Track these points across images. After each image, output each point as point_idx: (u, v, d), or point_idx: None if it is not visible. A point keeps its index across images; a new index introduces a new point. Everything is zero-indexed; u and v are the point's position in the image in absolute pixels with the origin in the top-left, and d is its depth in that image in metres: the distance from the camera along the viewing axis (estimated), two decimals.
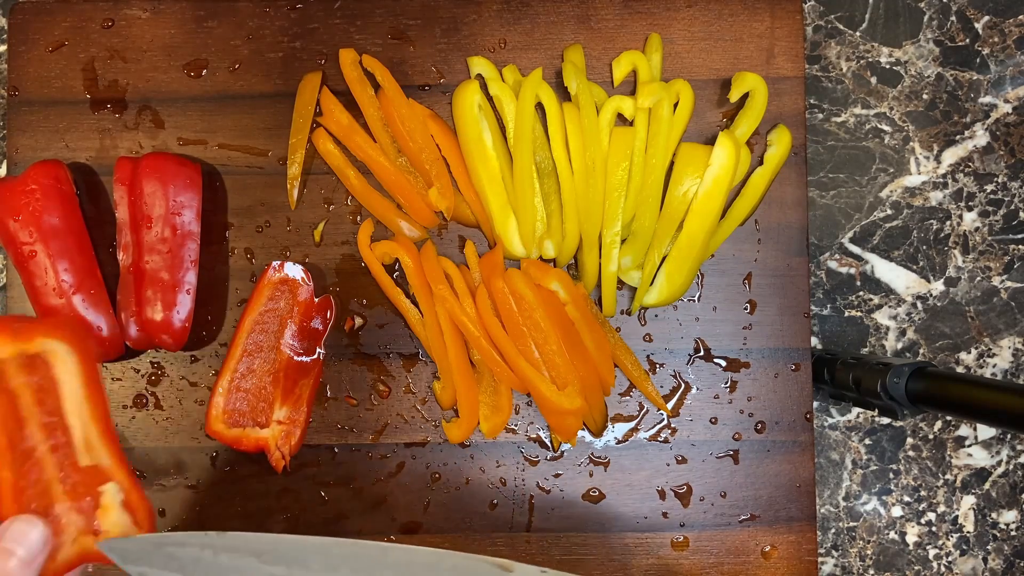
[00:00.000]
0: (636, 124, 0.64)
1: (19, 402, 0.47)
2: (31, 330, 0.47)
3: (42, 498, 0.47)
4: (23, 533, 0.44)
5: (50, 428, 0.48)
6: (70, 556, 0.47)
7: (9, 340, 0.47)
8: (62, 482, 0.47)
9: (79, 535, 0.47)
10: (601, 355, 0.63)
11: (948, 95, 0.72)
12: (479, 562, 0.45)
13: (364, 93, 0.64)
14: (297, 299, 0.62)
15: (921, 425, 0.72)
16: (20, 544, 0.44)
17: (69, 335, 0.48)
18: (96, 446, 0.48)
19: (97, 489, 0.48)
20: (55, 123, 0.66)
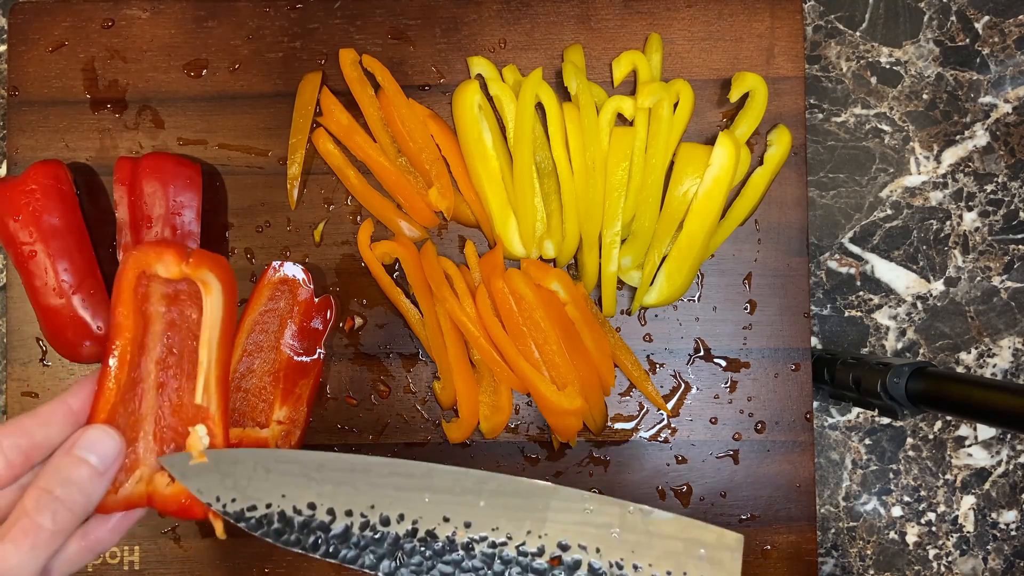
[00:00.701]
0: (636, 124, 0.64)
1: (149, 329, 0.48)
2: (200, 258, 0.48)
3: (130, 428, 0.47)
4: (97, 442, 0.43)
5: (166, 365, 0.48)
6: (133, 494, 0.46)
7: (179, 262, 0.47)
8: (156, 420, 0.47)
9: (151, 475, 0.47)
10: (601, 355, 0.63)
11: (948, 95, 0.72)
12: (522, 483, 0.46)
13: (364, 93, 0.64)
14: (297, 299, 0.62)
15: (921, 425, 0.72)
16: (94, 453, 0.43)
17: (226, 276, 0.49)
18: (211, 389, 0.49)
19: (187, 428, 0.48)
20: (55, 123, 0.66)
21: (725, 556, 0.43)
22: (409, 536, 0.46)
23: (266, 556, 0.64)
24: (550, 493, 0.45)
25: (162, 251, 0.48)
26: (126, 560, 0.63)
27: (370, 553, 0.46)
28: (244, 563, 0.64)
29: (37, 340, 0.65)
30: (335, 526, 0.46)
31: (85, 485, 0.42)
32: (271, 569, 0.64)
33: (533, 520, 0.45)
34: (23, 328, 0.65)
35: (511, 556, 0.45)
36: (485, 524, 0.45)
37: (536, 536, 0.45)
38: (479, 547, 0.45)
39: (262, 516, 0.47)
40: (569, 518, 0.45)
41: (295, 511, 0.47)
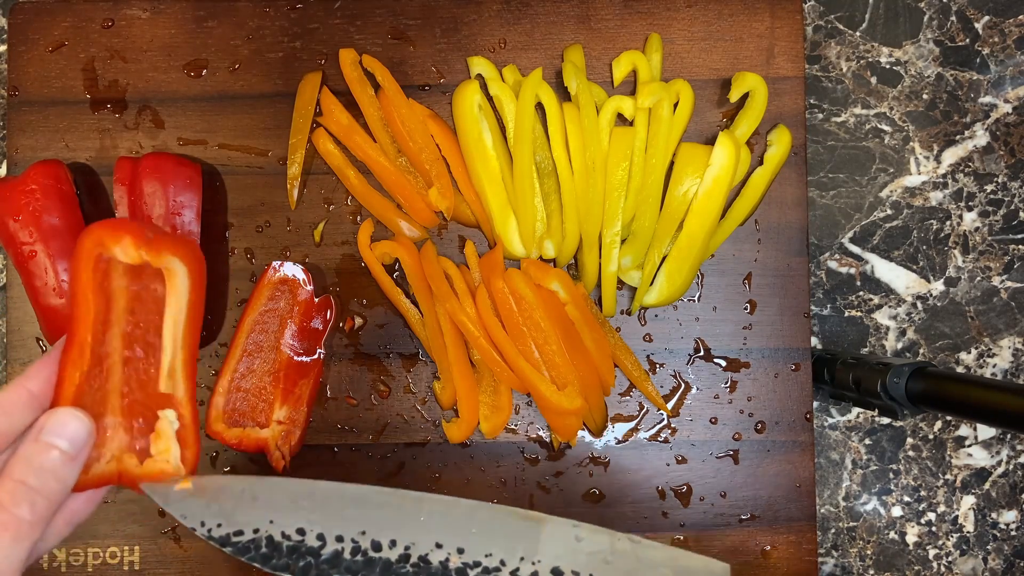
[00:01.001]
0: (636, 124, 0.64)
1: (112, 305, 0.46)
2: (161, 242, 0.46)
3: (97, 405, 0.45)
4: (65, 425, 0.42)
5: (131, 339, 0.46)
6: (104, 472, 0.45)
7: (138, 246, 0.45)
8: (123, 396, 0.46)
9: (121, 453, 0.46)
10: (601, 355, 0.63)
11: (948, 95, 0.72)
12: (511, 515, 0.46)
13: (364, 93, 0.64)
14: (297, 299, 0.62)
15: (921, 425, 0.72)
16: (62, 437, 0.41)
17: (192, 259, 0.47)
18: (177, 374, 0.47)
19: (156, 412, 0.47)
20: (55, 123, 0.66)
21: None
22: (402, 561, 0.46)
23: None
24: (541, 521, 0.46)
25: (120, 233, 0.45)
26: (126, 560, 0.63)
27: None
28: (244, 563, 0.64)
29: (37, 340, 0.65)
30: (325, 551, 0.46)
31: (59, 471, 0.41)
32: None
33: (526, 547, 0.45)
34: (23, 328, 0.65)
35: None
36: (478, 550, 0.46)
37: (530, 563, 0.45)
38: (473, 572, 0.45)
39: (249, 541, 0.46)
40: (561, 546, 0.45)
41: (284, 536, 0.46)
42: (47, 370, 0.44)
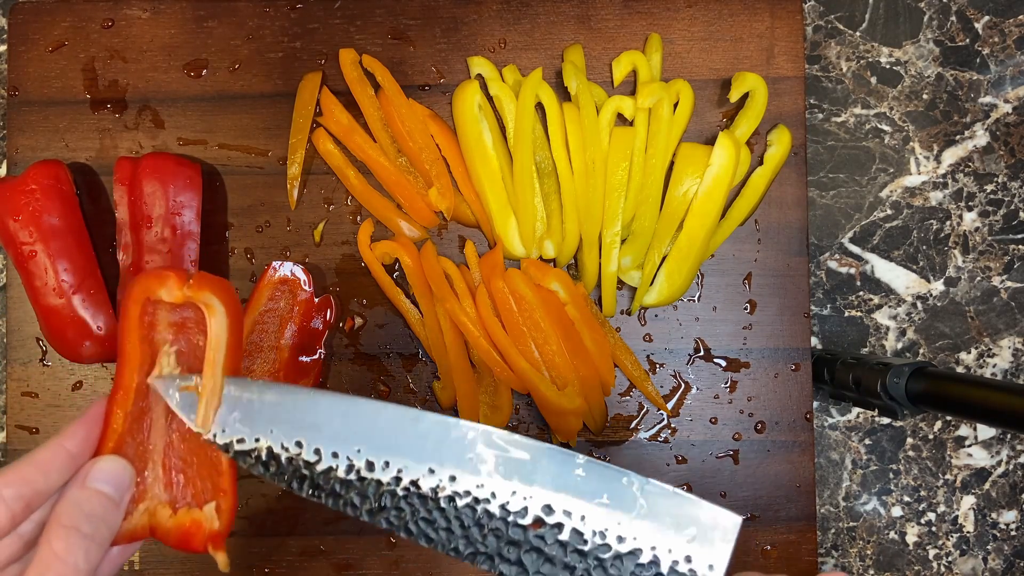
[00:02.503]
0: (636, 124, 0.64)
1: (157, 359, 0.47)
2: (201, 280, 0.47)
3: (139, 459, 0.46)
4: (110, 471, 0.43)
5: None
6: (137, 526, 0.46)
7: (180, 284, 0.46)
8: (165, 451, 0.47)
9: (156, 506, 0.46)
10: (601, 355, 0.63)
11: (948, 95, 0.72)
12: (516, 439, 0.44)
13: (364, 93, 0.64)
14: (297, 299, 0.62)
15: (921, 425, 0.72)
16: (108, 483, 0.42)
17: (229, 297, 0.48)
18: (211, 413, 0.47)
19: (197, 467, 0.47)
20: (55, 123, 0.66)
21: (716, 536, 0.41)
22: (392, 483, 0.44)
23: (266, 556, 0.64)
24: (543, 453, 0.44)
25: (164, 276, 0.47)
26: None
27: (351, 497, 0.45)
28: (244, 563, 0.64)
29: (37, 340, 0.65)
30: (319, 466, 0.45)
31: (108, 517, 0.42)
32: (271, 569, 0.64)
33: (521, 479, 0.43)
34: (23, 328, 0.65)
35: (494, 513, 0.43)
36: (471, 479, 0.44)
37: (521, 497, 0.43)
38: (462, 501, 0.44)
39: (249, 449, 0.46)
40: (558, 480, 0.43)
41: (282, 447, 0.46)
42: (84, 430, 0.44)
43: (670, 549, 0.41)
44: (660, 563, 0.41)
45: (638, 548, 0.41)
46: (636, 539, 0.42)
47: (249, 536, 0.64)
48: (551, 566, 0.42)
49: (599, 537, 0.42)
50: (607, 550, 0.42)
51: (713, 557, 0.41)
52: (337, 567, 0.64)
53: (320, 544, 0.64)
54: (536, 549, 0.43)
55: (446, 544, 0.44)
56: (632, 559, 0.41)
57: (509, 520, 0.43)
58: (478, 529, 0.43)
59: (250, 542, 0.64)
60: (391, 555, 0.64)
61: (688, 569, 0.41)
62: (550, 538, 0.43)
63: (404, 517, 0.44)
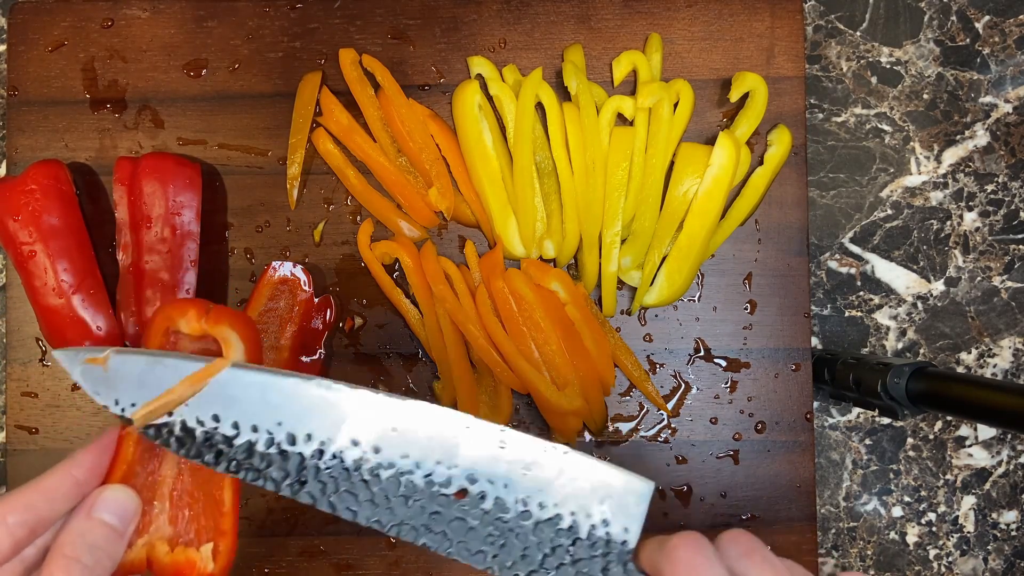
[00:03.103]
0: (636, 124, 0.64)
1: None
2: (219, 314, 0.48)
3: (147, 490, 0.46)
4: (115, 501, 0.42)
5: None
6: (136, 559, 0.45)
7: (199, 317, 0.48)
8: (173, 484, 0.47)
9: (156, 540, 0.46)
10: (601, 355, 0.63)
11: (948, 95, 0.72)
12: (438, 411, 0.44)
13: (364, 93, 0.64)
14: (297, 299, 0.62)
15: (921, 425, 0.72)
16: (113, 513, 0.42)
17: (247, 331, 0.48)
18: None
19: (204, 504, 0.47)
20: (55, 123, 0.66)
21: (631, 501, 0.42)
22: (315, 456, 0.44)
23: (266, 556, 0.64)
24: (466, 424, 0.44)
25: (185, 308, 0.48)
26: None
27: (273, 472, 0.44)
28: (244, 563, 0.64)
29: (37, 340, 0.65)
30: (238, 441, 0.44)
31: (110, 548, 0.41)
32: (271, 569, 0.64)
33: (444, 451, 0.44)
34: (23, 328, 0.65)
35: (417, 485, 0.43)
36: (395, 451, 0.44)
37: (445, 467, 0.43)
38: (385, 473, 0.44)
39: (162, 424, 0.44)
40: (482, 452, 0.43)
41: (198, 422, 0.44)
42: (92, 458, 0.44)
43: (588, 514, 0.42)
44: (579, 528, 0.42)
45: (558, 514, 0.42)
46: (556, 506, 0.42)
47: (249, 536, 0.64)
48: (474, 535, 0.43)
49: (521, 505, 0.43)
50: (528, 517, 0.43)
51: (628, 521, 0.42)
52: (337, 567, 0.64)
53: (320, 544, 0.64)
54: (459, 519, 0.43)
55: (369, 517, 0.43)
56: (552, 525, 0.42)
57: (433, 491, 0.43)
58: (402, 501, 0.43)
59: (250, 542, 0.64)
60: (391, 555, 0.64)
61: (605, 532, 0.42)
62: (473, 507, 0.43)
63: (327, 491, 0.44)
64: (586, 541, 0.42)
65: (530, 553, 0.42)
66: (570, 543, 0.42)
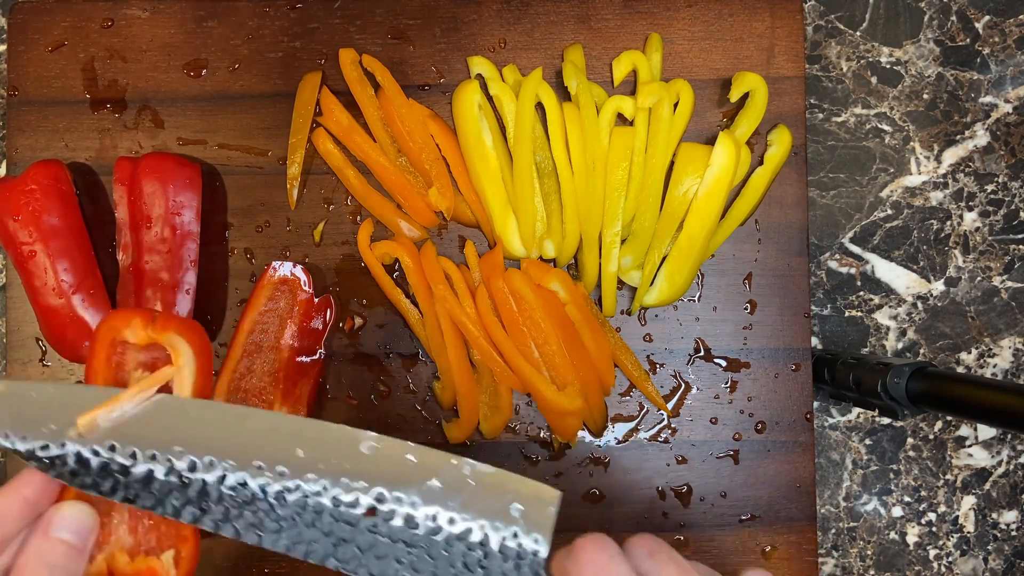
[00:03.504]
0: (636, 124, 0.64)
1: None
2: (166, 321, 0.47)
3: (104, 502, 0.46)
4: (73, 519, 0.42)
5: None
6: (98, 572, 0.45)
7: (144, 325, 0.47)
8: None
9: (116, 551, 0.46)
10: (601, 355, 0.63)
11: (948, 95, 0.72)
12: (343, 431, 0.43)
13: (364, 93, 0.64)
14: (297, 299, 0.62)
15: (921, 425, 0.72)
16: (70, 531, 0.42)
17: (197, 338, 0.48)
18: None
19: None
20: (55, 123, 0.66)
21: (539, 510, 0.42)
22: (218, 483, 0.43)
23: (266, 556, 0.64)
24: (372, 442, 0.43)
25: (130, 317, 0.48)
26: None
27: (173, 500, 0.43)
28: (244, 563, 0.64)
29: (37, 340, 0.65)
30: (136, 470, 0.43)
31: (71, 566, 0.41)
32: (271, 569, 0.64)
33: (351, 470, 0.43)
34: (23, 328, 0.65)
35: (325, 506, 0.43)
36: (300, 472, 0.43)
37: (353, 487, 0.43)
38: (291, 496, 0.43)
39: (55, 456, 0.43)
40: (389, 468, 0.43)
41: (93, 452, 0.43)
42: (41, 477, 0.43)
43: (498, 527, 0.42)
44: (490, 541, 0.42)
45: (469, 528, 0.42)
46: (466, 520, 0.42)
47: None
48: (386, 553, 0.42)
49: (431, 521, 0.42)
50: (439, 532, 0.42)
51: (538, 531, 0.42)
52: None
53: None
54: (369, 538, 0.42)
55: (276, 541, 0.43)
56: (463, 540, 0.42)
57: (341, 511, 0.43)
58: (310, 523, 0.43)
59: None
60: None
61: (516, 544, 0.42)
62: (383, 526, 0.42)
63: (230, 516, 0.43)
64: (498, 554, 0.41)
65: (442, 569, 0.42)
66: (482, 556, 0.42)
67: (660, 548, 0.39)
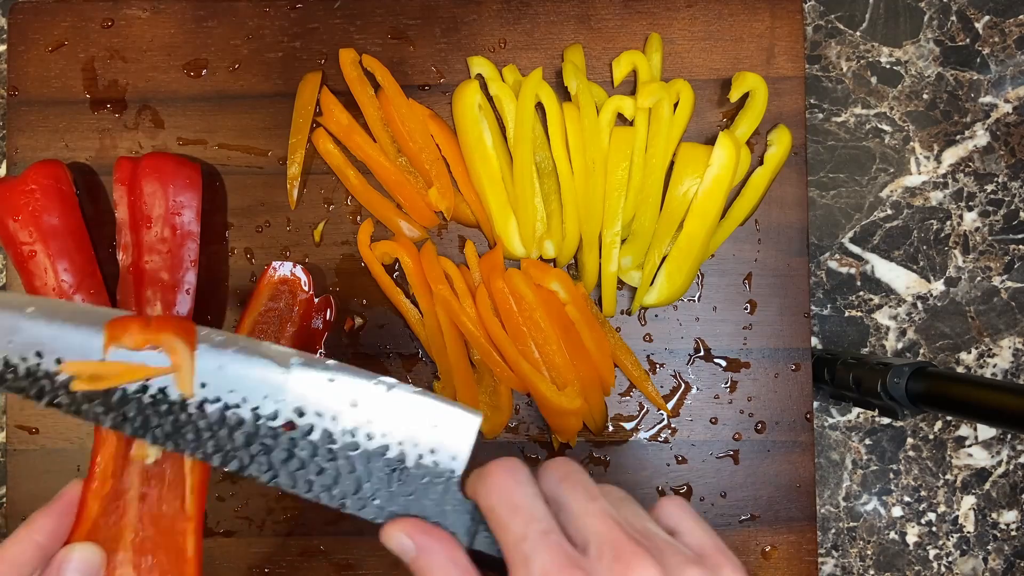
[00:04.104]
0: (636, 124, 0.64)
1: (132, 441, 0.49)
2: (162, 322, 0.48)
3: (111, 540, 0.47)
4: (83, 560, 0.44)
5: (147, 475, 0.49)
6: None
7: (141, 329, 0.47)
8: (136, 532, 0.48)
9: None
10: (601, 355, 0.63)
11: (948, 95, 0.72)
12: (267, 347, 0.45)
13: (364, 93, 0.64)
14: (297, 299, 0.62)
15: (921, 425, 0.72)
16: (80, 572, 0.44)
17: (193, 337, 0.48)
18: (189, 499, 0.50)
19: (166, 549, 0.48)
20: (55, 123, 0.66)
21: (458, 430, 0.43)
22: (137, 392, 0.44)
23: (267, 556, 0.64)
24: (293, 359, 0.44)
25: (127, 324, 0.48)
26: None
27: (95, 407, 0.44)
28: (244, 563, 0.64)
29: None
30: (61, 376, 0.45)
31: None
32: (271, 569, 0.64)
33: (272, 385, 0.44)
34: None
35: (244, 418, 0.44)
36: (221, 386, 0.44)
37: (273, 401, 0.44)
38: (211, 407, 0.44)
39: None
40: (310, 386, 0.44)
41: (21, 358, 0.45)
42: (52, 522, 0.45)
43: (416, 443, 0.43)
44: (407, 457, 0.43)
45: (386, 444, 0.43)
46: (384, 436, 0.43)
47: (249, 536, 0.64)
48: (302, 465, 0.43)
49: (349, 436, 0.43)
50: (356, 447, 0.43)
51: (455, 448, 0.43)
52: (337, 567, 0.64)
53: (320, 544, 0.64)
54: (287, 450, 0.43)
55: (194, 450, 0.44)
56: (380, 455, 0.43)
57: (260, 423, 0.44)
58: (227, 432, 0.44)
59: (250, 542, 0.64)
60: (391, 555, 0.64)
61: (432, 461, 0.43)
62: (301, 439, 0.43)
63: (151, 424, 0.44)
64: (415, 470, 0.43)
65: (359, 483, 0.43)
66: (398, 471, 0.43)
67: (571, 472, 0.39)
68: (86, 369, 0.45)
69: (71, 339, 0.45)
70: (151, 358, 0.45)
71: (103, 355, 0.45)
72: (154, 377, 0.45)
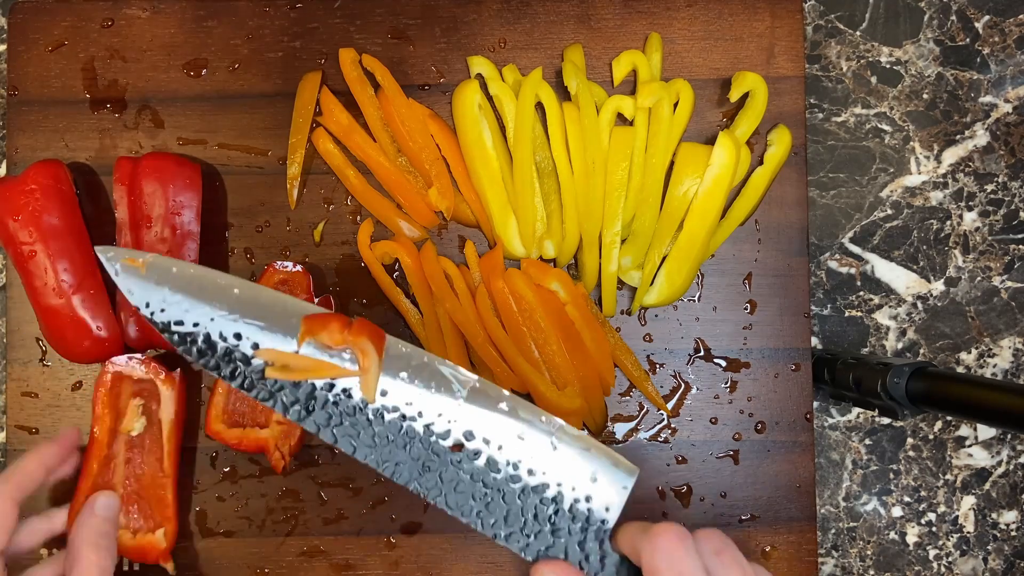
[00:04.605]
0: (636, 124, 0.64)
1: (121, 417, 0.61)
2: (360, 327, 0.50)
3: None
4: (107, 504, 0.57)
5: (131, 444, 0.61)
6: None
7: (341, 330, 0.49)
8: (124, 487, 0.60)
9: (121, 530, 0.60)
10: (601, 355, 0.63)
11: (948, 95, 0.72)
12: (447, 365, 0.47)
13: (364, 93, 0.64)
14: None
15: (921, 425, 0.72)
16: (107, 510, 0.57)
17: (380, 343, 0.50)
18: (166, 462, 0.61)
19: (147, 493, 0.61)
20: (55, 123, 0.66)
21: (616, 483, 0.44)
22: (325, 390, 0.46)
23: (266, 557, 0.64)
24: (472, 382, 0.46)
25: (327, 321, 0.50)
26: (126, 560, 0.63)
27: (284, 396, 0.46)
28: (244, 563, 0.64)
29: (37, 340, 0.65)
30: (255, 362, 0.47)
31: (111, 534, 0.56)
32: (271, 569, 0.64)
33: (448, 404, 0.46)
34: (23, 328, 0.65)
35: (417, 432, 0.45)
36: (401, 396, 0.46)
37: (446, 420, 0.45)
38: (389, 416, 0.46)
39: (186, 333, 0.47)
40: (483, 412, 0.45)
41: (220, 337, 0.47)
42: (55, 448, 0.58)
43: (574, 487, 0.44)
44: (563, 499, 0.44)
45: (545, 483, 0.44)
46: (545, 474, 0.44)
47: (249, 536, 0.64)
48: (464, 489, 0.45)
49: (512, 468, 0.44)
50: (518, 480, 0.44)
51: (610, 500, 0.44)
52: (337, 567, 0.64)
53: (320, 544, 0.64)
54: (452, 471, 0.45)
55: (367, 455, 0.46)
56: (538, 492, 0.44)
57: (431, 440, 0.45)
58: (400, 445, 0.46)
59: (250, 542, 0.64)
60: (391, 555, 0.64)
61: (587, 508, 0.44)
62: (467, 463, 0.45)
63: (331, 422, 0.46)
64: (568, 513, 0.44)
65: (513, 515, 0.44)
66: (552, 512, 0.44)
67: (727, 547, 0.41)
68: (280, 359, 0.47)
69: (269, 327, 0.47)
70: (340, 358, 0.47)
71: (297, 347, 0.47)
72: (342, 377, 0.47)
